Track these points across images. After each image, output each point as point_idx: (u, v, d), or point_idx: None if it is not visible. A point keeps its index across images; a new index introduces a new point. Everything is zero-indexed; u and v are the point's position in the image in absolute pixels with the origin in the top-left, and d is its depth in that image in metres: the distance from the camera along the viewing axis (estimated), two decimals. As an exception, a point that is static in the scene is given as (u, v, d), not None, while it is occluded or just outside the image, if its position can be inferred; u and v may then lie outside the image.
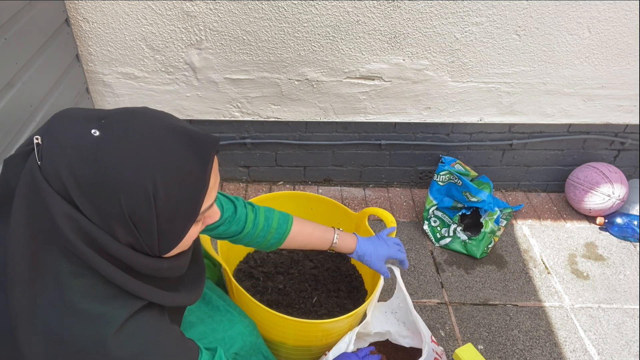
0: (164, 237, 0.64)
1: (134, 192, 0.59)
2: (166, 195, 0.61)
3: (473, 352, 1.19)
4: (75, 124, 0.60)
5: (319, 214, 1.54)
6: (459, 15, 1.58)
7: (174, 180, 0.61)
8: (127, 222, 0.60)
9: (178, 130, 0.63)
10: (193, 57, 1.65)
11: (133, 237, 0.62)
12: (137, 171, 0.58)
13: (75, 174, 0.57)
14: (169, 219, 0.63)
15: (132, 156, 0.58)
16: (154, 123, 0.62)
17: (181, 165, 0.62)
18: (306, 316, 1.36)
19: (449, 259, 1.81)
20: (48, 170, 0.57)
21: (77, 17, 1.53)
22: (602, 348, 1.54)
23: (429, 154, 2.01)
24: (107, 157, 0.58)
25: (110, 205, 0.58)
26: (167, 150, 0.61)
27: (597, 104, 1.88)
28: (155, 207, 0.60)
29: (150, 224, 0.61)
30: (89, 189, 0.58)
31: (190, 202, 0.65)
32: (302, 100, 1.79)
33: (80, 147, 0.58)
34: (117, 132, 0.59)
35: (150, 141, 0.60)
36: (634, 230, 1.91)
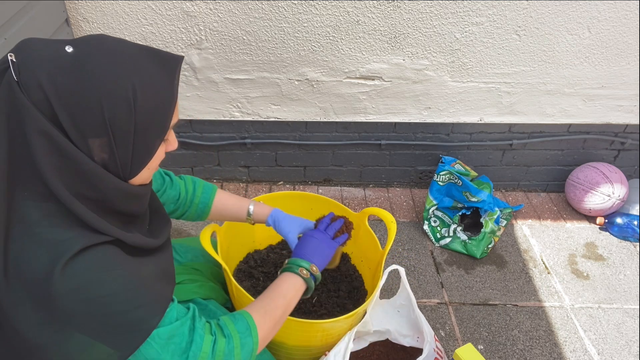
0: (137, 152, 0.67)
1: (116, 96, 0.61)
2: (144, 102, 0.63)
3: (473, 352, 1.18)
4: (46, 43, 0.62)
5: (319, 214, 1.53)
6: (459, 15, 1.58)
7: (149, 89, 0.64)
8: (106, 131, 0.62)
9: (145, 48, 0.67)
10: (193, 57, 1.65)
11: (109, 152, 0.63)
12: (117, 78, 0.61)
13: (55, 83, 0.58)
14: (144, 130, 0.65)
15: (109, 65, 0.61)
16: (123, 41, 0.66)
17: (154, 76, 0.65)
18: (306, 316, 1.36)
19: (449, 259, 1.81)
20: (27, 82, 0.58)
21: (77, 17, 1.53)
22: (602, 348, 1.54)
23: (429, 154, 2.01)
24: (87, 67, 0.60)
25: (91, 114, 0.60)
26: (140, 62, 0.64)
27: (597, 104, 1.88)
28: (135, 113, 0.63)
29: (128, 134, 0.64)
30: (70, 98, 0.59)
31: (163, 114, 0.68)
32: (302, 100, 1.79)
33: (59, 59, 0.59)
34: (91, 48, 0.62)
35: (123, 54, 0.64)
36: (634, 230, 1.91)
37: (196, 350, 0.73)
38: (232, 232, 1.39)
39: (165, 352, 0.71)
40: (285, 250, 1.58)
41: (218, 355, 0.75)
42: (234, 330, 0.79)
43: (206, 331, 0.76)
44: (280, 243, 1.60)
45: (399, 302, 1.32)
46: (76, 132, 0.61)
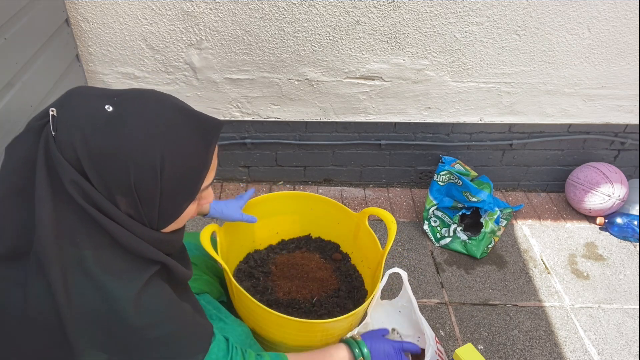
0: (163, 212, 0.68)
1: (143, 164, 0.62)
2: (172, 171, 0.64)
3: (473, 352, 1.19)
4: (88, 99, 0.63)
5: (319, 214, 1.54)
6: (459, 15, 1.58)
7: (179, 158, 0.65)
8: (132, 194, 0.63)
9: (185, 112, 0.67)
10: (193, 57, 1.65)
11: (134, 209, 0.65)
12: (147, 146, 0.62)
13: (88, 144, 0.60)
14: (171, 194, 0.67)
15: (143, 131, 0.62)
16: (164, 103, 0.66)
17: (187, 145, 0.66)
18: (306, 316, 1.36)
19: (449, 259, 1.81)
20: (62, 140, 0.61)
21: (77, 17, 1.53)
22: (602, 348, 1.54)
23: (429, 154, 2.01)
24: (121, 131, 0.61)
25: (119, 176, 0.62)
26: (176, 129, 0.65)
27: (597, 104, 1.88)
28: (160, 181, 0.64)
29: (153, 198, 0.65)
30: (99, 159, 0.61)
31: (192, 180, 0.69)
32: (302, 100, 1.79)
33: (95, 119, 0.61)
34: (130, 109, 0.63)
35: (160, 119, 0.64)
36: (634, 230, 1.91)
37: None
38: (232, 232, 1.39)
39: None
40: (285, 250, 1.58)
41: None
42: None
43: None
44: (280, 243, 1.60)
45: (400, 303, 1.32)
46: (104, 189, 0.63)
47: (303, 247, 1.58)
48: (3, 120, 1.15)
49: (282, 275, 1.47)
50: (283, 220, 1.55)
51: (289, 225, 1.58)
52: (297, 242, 1.60)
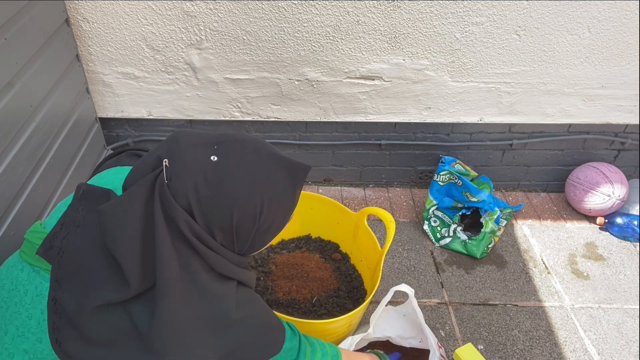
0: (253, 245, 0.78)
1: (246, 210, 0.72)
2: (268, 213, 0.75)
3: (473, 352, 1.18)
4: (195, 149, 0.72)
5: (319, 214, 1.54)
6: (459, 15, 1.58)
7: (275, 202, 0.75)
8: (231, 232, 0.73)
9: (280, 159, 0.76)
10: (193, 57, 1.65)
11: (229, 242, 0.75)
12: (250, 194, 0.72)
13: (198, 194, 0.69)
14: (264, 231, 0.77)
15: (246, 181, 0.72)
16: (261, 152, 0.75)
17: (282, 189, 0.76)
18: (306, 316, 1.36)
19: (449, 259, 1.81)
20: (176, 189, 0.69)
21: (77, 17, 1.53)
22: (602, 348, 1.54)
23: (429, 154, 2.01)
24: (226, 182, 0.70)
25: (222, 219, 0.71)
26: (273, 177, 0.75)
27: (597, 104, 1.88)
28: (258, 222, 0.74)
29: (249, 235, 0.75)
30: (208, 206, 0.70)
31: (282, 217, 0.80)
32: (302, 100, 1.79)
33: (204, 171, 0.70)
34: (232, 159, 0.72)
35: (259, 168, 0.74)
36: (634, 230, 1.91)
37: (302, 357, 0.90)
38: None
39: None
40: (285, 250, 1.58)
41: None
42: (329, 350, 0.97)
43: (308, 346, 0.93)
44: (280, 243, 1.60)
45: (405, 310, 1.31)
46: (207, 227, 0.71)
47: (303, 247, 1.58)
48: (3, 120, 1.15)
49: (282, 275, 1.47)
50: (283, 220, 1.55)
51: (289, 225, 1.57)
52: (297, 242, 1.60)
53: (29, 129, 1.28)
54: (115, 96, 1.75)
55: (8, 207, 1.19)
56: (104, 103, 1.76)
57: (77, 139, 1.58)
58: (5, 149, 1.18)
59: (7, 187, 1.18)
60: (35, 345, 0.72)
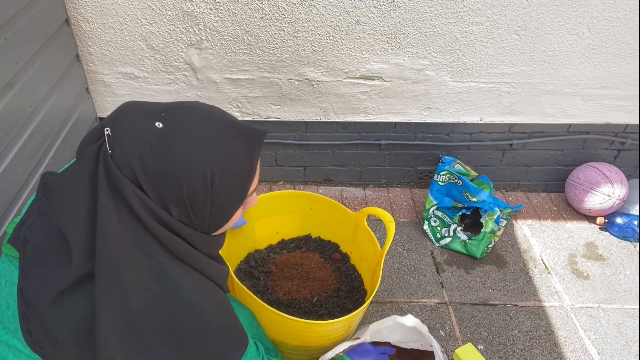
0: (213, 219, 0.72)
1: (195, 178, 0.66)
2: (221, 182, 0.68)
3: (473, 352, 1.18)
4: (139, 116, 0.67)
5: (319, 214, 1.54)
6: (459, 15, 1.58)
7: (228, 170, 0.69)
8: (184, 204, 0.67)
9: (230, 124, 0.71)
10: (193, 57, 1.65)
11: (187, 217, 0.69)
12: (198, 161, 0.66)
13: (143, 162, 0.64)
14: (220, 203, 0.71)
15: (193, 147, 0.66)
16: (210, 117, 0.70)
17: (234, 156, 0.70)
18: (306, 316, 1.36)
19: (449, 259, 1.81)
20: (119, 158, 0.64)
21: (77, 17, 1.53)
22: (602, 348, 1.54)
23: (429, 154, 2.01)
24: (172, 148, 0.65)
25: (172, 190, 0.66)
26: (222, 142, 0.68)
27: (597, 104, 1.88)
28: (211, 193, 0.68)
29: (204, 207, 0.69)
30: (154, 175, 0.65)
31: (240, 188, 0.73)
32: (302, 100, 1.79)
33: (148, 138, 0.65)
34: (179, 125, 0.66)
35: (208, 134, 0.68)
36: (634, 230, 1.91)
37: None
38: (233, 231, 1.40)
39: None
40: (285, 250, 1.58)
41: None
42: None
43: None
44: (280, 243, 1.60)
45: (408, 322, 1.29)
46: (159, 201, 0.67)
47: (303, 247, 1.58)
48: (3, 120, 1.15)
49: (282, 275, 1.47)
50: (283, 220, 1.56)
51: (289, 225, 1.58)
52: (297, 241, 1.60)
53: (29, 128, 1.28)
54: (116, 96, 1.75)
55: (8, 207, 1.19)
56: (104, 103, 1.76)
57: (77, 139, 1.58)
58: (5, 149, 1.18)
59: (7, 187, 1.18)
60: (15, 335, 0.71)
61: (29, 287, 0.69)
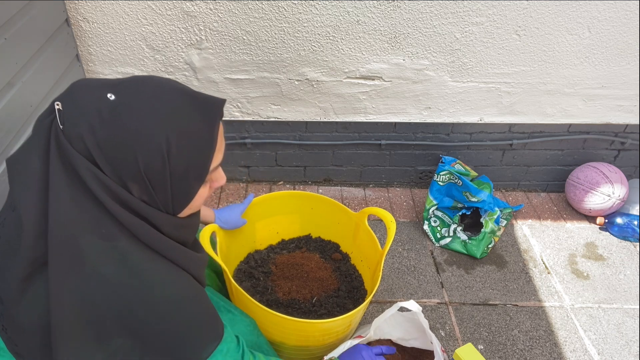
0: (176, 195, 0.68)
1: (149, 149, 0.63)
2: (178, 152, 0.65)
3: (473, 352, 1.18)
4: (91, 90, 0.64)
5: (319, 214, 1.54)
6: (459, 15, 1.58)
7: (185, 139, 0.65)
8: (142, 179, 0.64)
9: (186, 93, 0.67)
10: (193, 57, 1.65)
11: (147, 194, 0.66)
12: (151, 130, 0.63)
13: (95, 135, 0.61)
14: (181, 176, 0.67)
15: (146, 117, 0.63)
16: (164, 87, 0.67)
17: (191, 125, 0.66)
18: (306, 316, 1.36)
19: (449, 259, 1.81)
20: (70, 133, 0.61)
21: (77, 17, 1.53)
22: (602, 348, 1.54)
23: (429, 154, 2.01)
24: (125, 119, 0.62)
25: (127, 163, 0.62)
26: (178, 111, 0.65)
27: (597, 104, 1.88)
28: (169, 164, 0.64)
29: (164, 181, 0.65)
30: (108, 148, 0.62)
31: (200, 160, 0.69)
32: (302, 100, 1.79)
33: (99, 110, 0.62)
34: (131, 96, 0.64)
35: (161, 103, 0.65)
36: (634, 230, 1.91)
37: None
38: (232, 232, 1.39)
39: None
40: (285, 250, 1.58)
41: None
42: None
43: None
44: (280, 243, 1.60)
45: (409, 316, 1.30)
46: (116, 177, 0.63)
47: (303, 247, 1.58)
48: (3, 120, 1.15)
49: (282, 275, 1.47)
50: (283, 220, 1.55)
51: (289, 225, 1.58)
52: (297, 242, 1.60)
53: (29, 129, 1.28)
54: (115, 96, 1.75)
55: (8, 207, 1.19)
56: (104, 103, 1.76)
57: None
58: (5, 149, 1.18)
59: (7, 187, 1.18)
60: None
61: (1, 281, 0.67)
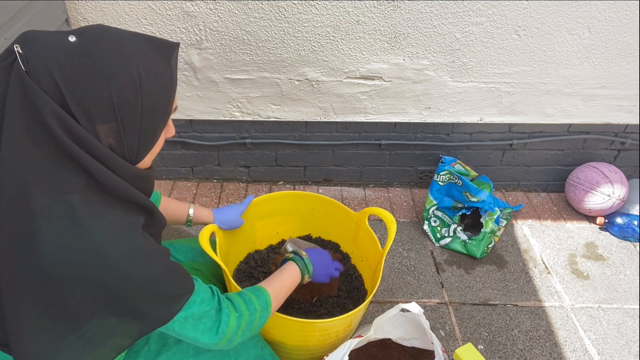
0: (143, 137, 0.69)
1: (123, 80, 0.63)
2: (148, 85, 0.66)
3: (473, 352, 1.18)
4: (49, 35, 0.63)
5: (319, 214, 1.54)
6: (459, 15, 1.58)
7: (151, 73, 0.67)
8: (115, 116, 0.63)
9: (143, 35, 0.70)
10: (193, 57, 1.65)
11: (116, 138, 0.65)
12: (122, 62, 0.64)
13: (66, 72, 0.60)
14: (150, 112, 0.68)
15: (114, 52, 0.64)
16: (122, 31, 0.68)
17: (155, 63, 0.68)
18: (306, 316, 1.36)
19: (449, 259, 1.81)
20: (37, 71, 0.59)
21: (77, 17, 1.53)
22: (602, 348, 1.54)
23: (429, 154, 2.01)
24: (93, 54, 0.62)
25: (100, 99, 0.62)
26: (141, 49, 0.67)
27: (597, 104, 1.88)
28: (141, 96, 0.65)
29: (135, 117, 0.66)
30: (79, 85, 0.61)
31: (165, 97, 0.71)
32: (302, 100, 1.79)
33: (65, 48, 0.61)
34: (93, 36, 0.64)
35: (124, 41, 0.66)
36: (634, 230, 1.91)
37: (224, 327, 0.84)
38: (232, 232, 1.39)
39: (196, 330, 0.80)
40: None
41: (242, 326, 0.87)
42: (257, 305, 0.92)
43: (231, 309, 0.86)
44: (280, 243, 1.60)
45: (410, 316, 1.30)
46: (85, 118, 0.62)
47: (303, 247, 1.58)
48: (3, 120, 1.15)
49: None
50: (283, 220, 1.55)
51: (289, 225, 1.58)
52: (297, 242, 1.60)
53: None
54: (115, 96, 1.75)
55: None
56: (104, 103, 1.76)
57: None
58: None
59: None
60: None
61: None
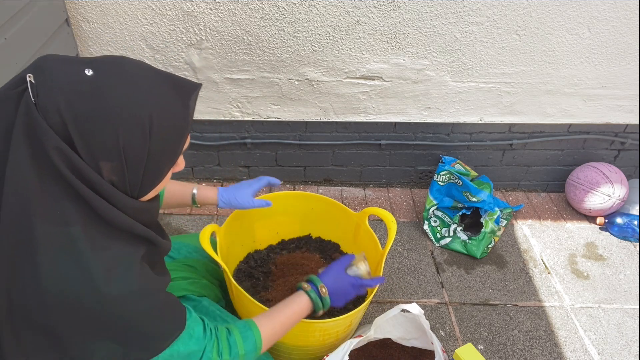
0: (147, 176, 0.67)
1: (133, 124, 0.61)
2: (159, 129, 0.64)
3: (473, 352, 1.18)
4: (65, 64, 0.61)
5: (319, 214, 1.54)
6: (459, 15, 1.58)
7: (165, 116, 0.65)
8: (119, 156, 0.62)
9: (163, 74, 0.68)
10: (193, 57, 1.65)
11: (119, 174, 0.64)
12: (134, 105, 0.61)
13: (74, 110, 0.58)
14: (157, 155, 0.66)
15: (128, 93, 0.61)
16: (141, 66, 0.66)
17: (171, 104, 0.66)
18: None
19: (449, 259, 1.81)
20: (45, 106, 0.58)
21: (77, 17, 1.53)
22: (602, 348, 1.54)
23: (429, 154, 2.01)
24: (105, 93, 0.60)
25: (106, 138, 0.60)
26: (157, 90, 0.65)
27: (597, 104, 1.88)
28: (149, 141, 0.63)
29: (141, 159, 0.64)
30: (87, 122, 0.59)
31: (177, 139, 0.69)
32: (302, 100, 1.79)
33: (78, 83, 0.59)
34: (111, 72, 0.62)
35: (142, 80, 0.64)
36: (634, 230, 1.91)
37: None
38: (232, 232, 1.39)
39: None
40: (285, 250, 1.58)
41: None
42: (242, 349, 0.86)
43: (214, 354, 0.81)
44: (280, 243, 1.60)
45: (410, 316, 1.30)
46: (89, 155, 0.61)
47: (303, 247, 1.58)
48: (3, 120, 1.15)
49: (282, 275, 1.47)
50: (283, 220, 1.55)
51: (289, 225, 1.58)
52: (297, 242, 1.60)
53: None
54: (115, 96, 1.75)
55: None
56: (104, 103, 1.76)
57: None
58: (5, 149, 1.18)
59: None
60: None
61: None
